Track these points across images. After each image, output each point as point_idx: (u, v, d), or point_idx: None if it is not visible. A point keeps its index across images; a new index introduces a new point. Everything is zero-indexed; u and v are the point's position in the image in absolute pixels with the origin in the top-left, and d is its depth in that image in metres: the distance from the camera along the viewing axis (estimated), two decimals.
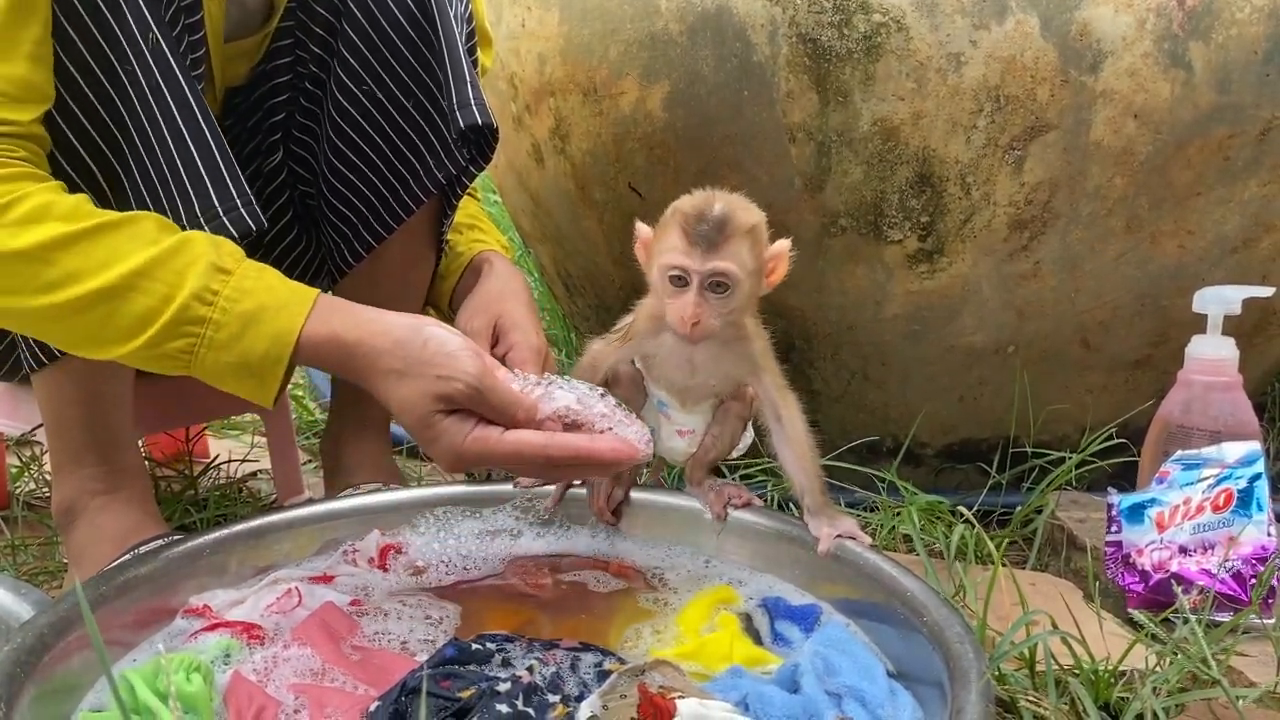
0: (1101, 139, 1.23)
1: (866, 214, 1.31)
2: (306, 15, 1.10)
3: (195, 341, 0.89)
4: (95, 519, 1.11)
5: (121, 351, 0.90)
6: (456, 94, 1.06)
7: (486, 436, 0.90)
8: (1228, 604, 1.02)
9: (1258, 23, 1.20)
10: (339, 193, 1.17)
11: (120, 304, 0.88)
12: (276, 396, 0.94)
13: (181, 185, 0.92)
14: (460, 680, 0.81)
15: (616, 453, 0.92)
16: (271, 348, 0.90)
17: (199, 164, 0.92)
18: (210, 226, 0.93)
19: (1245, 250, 1.32)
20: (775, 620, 0.98)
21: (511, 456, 0.90)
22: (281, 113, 1.16)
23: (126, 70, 0.90)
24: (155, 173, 0.93)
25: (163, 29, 0.90)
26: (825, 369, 1.44)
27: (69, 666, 0.83)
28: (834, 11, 1.23)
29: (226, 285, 0.90)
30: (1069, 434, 1.45)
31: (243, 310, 0.90)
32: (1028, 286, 1.32)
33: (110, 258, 0.88)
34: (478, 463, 0.91)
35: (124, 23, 0.89)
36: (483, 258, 1.26)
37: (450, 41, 1.06)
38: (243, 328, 0.90)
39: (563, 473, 1.01)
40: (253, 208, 0.95)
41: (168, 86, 0.90)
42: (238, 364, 0.90)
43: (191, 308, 0.88)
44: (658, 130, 1.37)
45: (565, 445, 0.91)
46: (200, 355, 0.89)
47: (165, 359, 0.90)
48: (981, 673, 0.74)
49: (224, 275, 0.90)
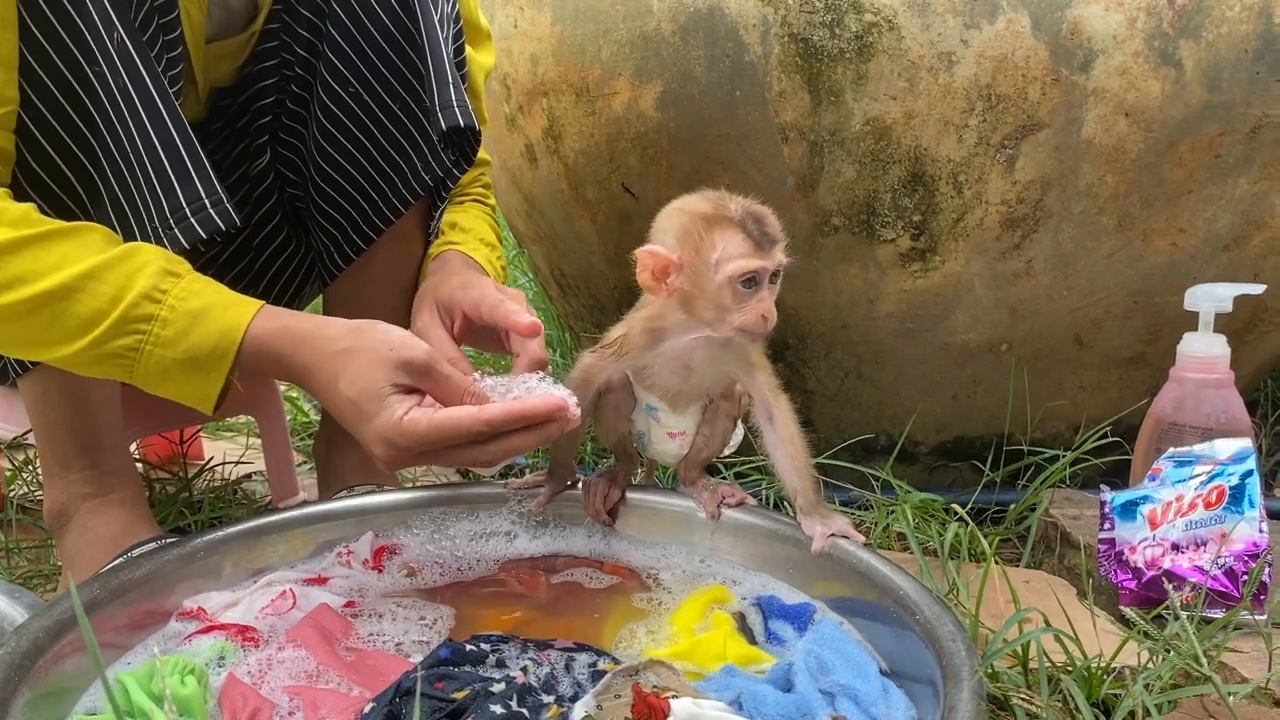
0: (1093, 137, 1.24)
1: (859, 213, 1.31)
2: (291, 17, 1.10)
3: (142, 339, 0.89)
4: (87, 523, 1.11)
5: (66, 352, 0.89)
6: (439, 95, 1.05)
7: (421, 415, 0.88)
8: (1220, 600, 1.02)
9: (1247, 21, 1.21)
10: (327, 195, 1.17)
11: (68, 305, 0.88)
12: (221, 398, 0.92)
13: (150, 185, 0.91)
14: (454, 681, 0.82)
15: (550, 407, 0.91)
16: (219, 342, 0.90)
17: (166, 164, 0.91)
18: (179, 227, 0.92)
19: (1237, 248, 1.32)
20: (769, 619, 0.98)
21: (448, 428, 0.89)
22: (268, 115, 1.15)
23: (95, 71, 0.89)
24: (127, 173, 0.92)
25: (129, 28, 0.89)
26: (819, 368, 1.44)
27: (63, 670, 0.83)
28: (826, 11, 1.24)
29: (176, 285, 0.90)
30: (1062, 432, 1.45)
31: (190, 308, 0.90)
32: (1020, 285, 1.33)
33: (60, 262, 0.88)
34: (412, 443, 0.89)
35: (90, 23, 0.88)
36: (438, 259, 1.21)
37: (433, 42, 1.05)
38: (191, 323, 0.89)
39: (504, 444, 0.93)
40: (223, 207, 0.93)
41: (134, 86, 0.90)
42: (184, 360, 0.90)
43: (140, 305, 0.88)
44: (650, 130, 1.37)
45: (498, 409, 0.90)
46: (146, 353, 0.89)
47: (110, 359, 0.90)
48: (974, 671, 0.74)
49: (173, 277, 0.91)
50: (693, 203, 0.96)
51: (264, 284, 1.28)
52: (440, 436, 0.89)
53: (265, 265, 1.26)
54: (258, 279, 1.27)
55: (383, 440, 0.89)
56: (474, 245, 1.22)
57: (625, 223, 1.48)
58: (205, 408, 0.93)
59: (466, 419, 0.89)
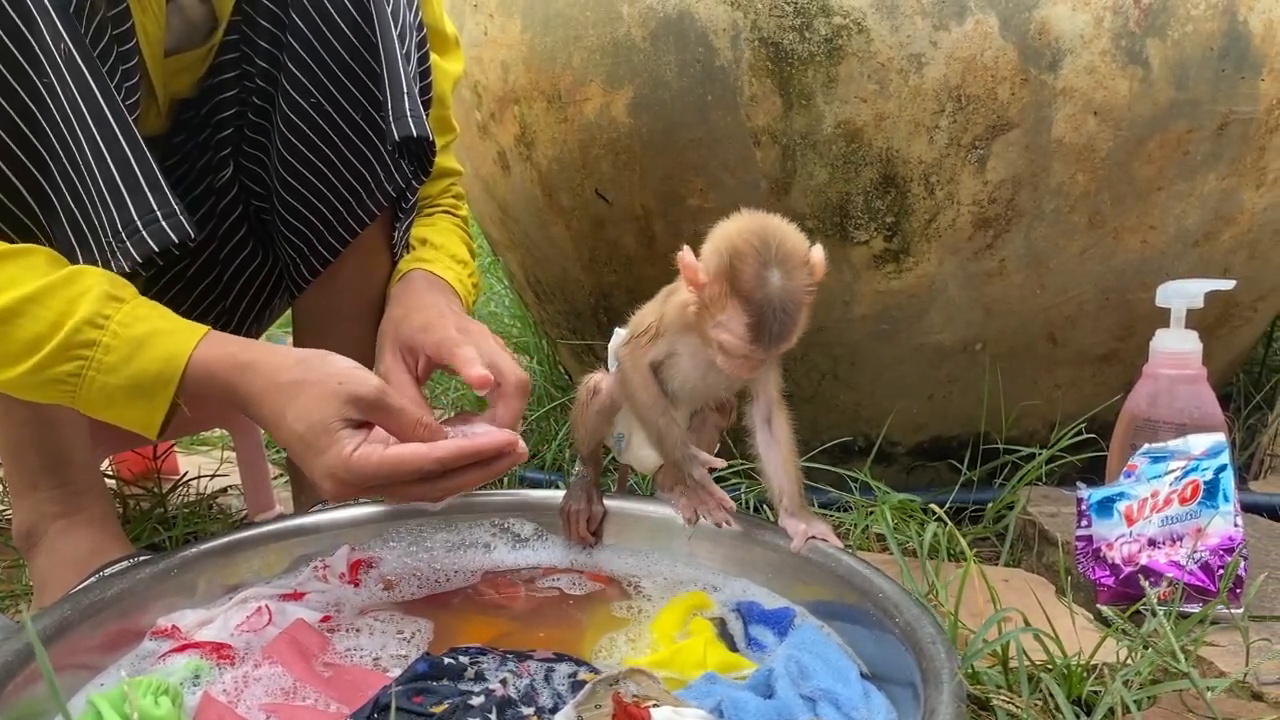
0: (1063, 136, 1.24)
1: (832, 215, 1.31)
2: (251, 29, 1.09)
3: (84, 365, 0.88)
4: (55, 543, 1.10)
5: (7, 376, 0.89)
6: (393, 106, 1.04)
7: (370, 451, 0.88)
8: (1197, 595, 1.03)
9: (1212, 19, 1.22)
10: (292, 208, 1.16)
11: (10, 329, 0.87)
12: (166, 422, 0.92)
13: (102, 198, 0.90)
14: (433, 695, 0.81)
15: (499, 446, 0.91)
16: (164, 368, 0.90)
17: (116, 176, 0.90)
18: (131, 240, 0.91)
19: (1207, 244, 1.33)
20: (749, 624, 0.98)
21: (398, 465, 0.88)
22: (229, 128, 1.14)
23: (45, 84, 0.88)
24: (80, 186, 0.91)
25: (77, 40, 0.88)
26: (796, 370, 1.44)
27: (35, 694, 0.82)
28: (795, 15, 1.24)
29: (119, 311, 0.90)
30: (1038, 430, 1.46)
31: (134, 334, 0.89)
32: (993, 284, 1.33)
33: (3, 284, 0.87)
34: (361, 479, 0.88)
35: (39, 35, 0.87)
36: (403, 281, 1.18)
37: (390, 52, 1.04)
38: (134, 350, 0.89)
39: (453, 481, 0.93)
40: (176, 219, 0.92)
41: (83, 98, 0.89)
42: (128, 386, 0.89)
43: (82, 331, 0.88)
44: (623, 136, 1.37)
45: (449, 447, 0.90)
46: (88, 379, 0.88)
47: (51, 384, 0.89)
48: (953, 673, 0.74)
49: (117, 302, 0.90)
50: (743, 240, 0.89)
51: (232, 296, 1.27)
52: (390, 473, 0.89)
53: (233, 278, 1.25)
54: (226, 291, 1.26)
55: (330, 475, 0.89)
56: (444, 263, 1.21)
57: (599, 228, 1.48)
58: (150, 433, 0.92)
59: (417, 457, 0.89)
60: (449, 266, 1.21)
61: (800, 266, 0.89)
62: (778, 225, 0.91)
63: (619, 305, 1.51)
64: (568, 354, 1.80)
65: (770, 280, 0.88)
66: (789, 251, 0.89)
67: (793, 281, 0.88)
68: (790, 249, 0.89)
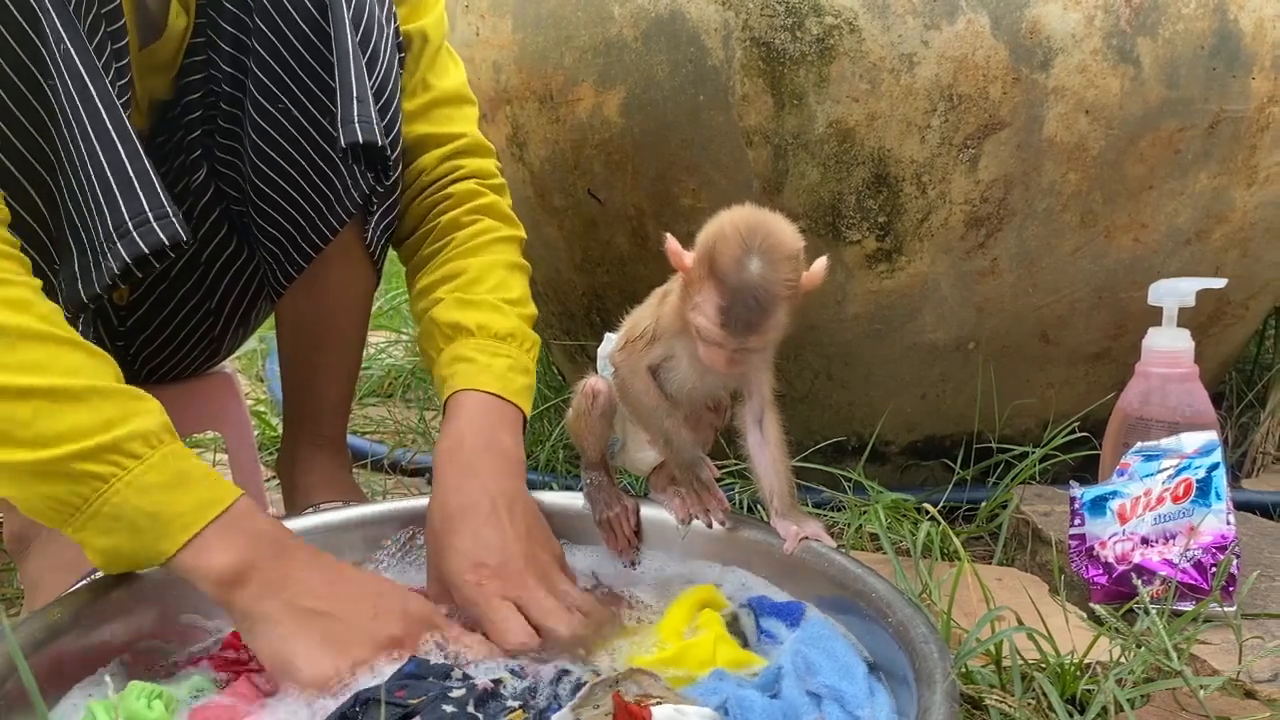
0: (1054, 135, 1.25)
1: (825, 215, 1.31)
2: (214, 32, 1.07)
3: (116, 471, 0.84)
4: (47, 547, 1.09)
5: (24, 457, 0.83)
6: (342, 111, 1.00)
7: None
8: (1190, 593, 1.03)
9: (1203, 18, 1.22)
10: (264, 213, 1.14)
11: (60, 407, 0.83)
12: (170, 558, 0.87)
13: (97, 198, 0.89)
14: (415, 690, 0.81)
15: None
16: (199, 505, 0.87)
17: (110, 176, 0.88)
18: (122, 241, 0.89)
19: (1198, 242, 1.34)
20: (760, 617, 0.96)
21: None
22: (198, 129, 1.13)
23: (50, 85, 0.88)
24: (78, 187, 0.90)
25: (75, 39, 0.87)
26: (788, 370, 1.44)
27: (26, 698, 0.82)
28: (786, 14, 1.24)
29: (172, 443, 0.87)
30: (1031, 428, 1.46)
31: (180, 468, 0.86)
32: (986, 283, 1.33)
33: (76, 368, 0.85)
34: None
35: (43, 37, 0.86)
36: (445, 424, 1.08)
37: (342, 58, 1.02)
38: (177, 480, 0.86)
39: None
40: (168, 220, 0.90)
41: (80, 98, 0.87)
42: (150, 511, 0.85)
43: (130, 442, 0.84)
44: (615, 136, 1.37)
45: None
46: (113, 486, 0.84)
47: (62, 478, 0.83)
48: (946, 673, 0.74)
49: (170, 436, 0.87)
50: (731, 226, 0.89)
51: (216, 298, 1.26)
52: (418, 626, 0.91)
53: (216, 280, 1.24)
54: (210, 293, 1.25)
55: None
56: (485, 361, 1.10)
57: (592, 229, 1.48)
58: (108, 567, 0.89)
59: None
60: (488, 365, 1.10)
61: (784, 260, 0.88)
62: (771, 218, 0.90)
63: (612, 306, 1.51)
64: (560, 354, 1.80)
65: (748, 266, 0.87)
66: (774, 243, 0.88)
67: (773, 273, 0.87)
68: (776, 241, 0.88)
